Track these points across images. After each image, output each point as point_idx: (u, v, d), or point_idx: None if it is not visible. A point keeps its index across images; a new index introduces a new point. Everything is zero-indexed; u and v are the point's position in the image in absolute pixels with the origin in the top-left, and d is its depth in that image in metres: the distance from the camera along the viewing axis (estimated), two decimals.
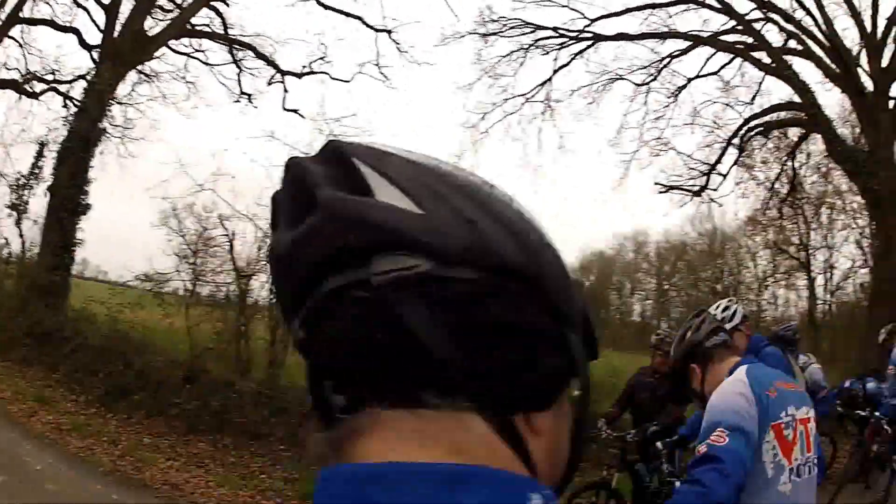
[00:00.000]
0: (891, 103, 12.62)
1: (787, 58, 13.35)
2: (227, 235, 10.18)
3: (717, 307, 3.87)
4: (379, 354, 0.47)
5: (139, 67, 12.75)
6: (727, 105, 14.75)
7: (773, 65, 13.17)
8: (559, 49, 14.62)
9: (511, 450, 0.49)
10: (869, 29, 12.85)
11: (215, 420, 7.93)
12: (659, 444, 5.18)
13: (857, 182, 12.99)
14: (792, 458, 2.30)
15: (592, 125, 34.95)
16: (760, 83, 14.32)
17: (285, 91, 13.61)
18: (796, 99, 13.44)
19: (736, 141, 14.68)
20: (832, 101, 13.87)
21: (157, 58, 12.84)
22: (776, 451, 2.25)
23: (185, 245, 10.54)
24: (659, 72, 14.69)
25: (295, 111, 13.13)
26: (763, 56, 13.77)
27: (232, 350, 9.68)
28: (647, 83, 14.81)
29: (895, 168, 11.97)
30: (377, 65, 13.66)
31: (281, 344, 9.41)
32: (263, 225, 9.89)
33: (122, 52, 11.78)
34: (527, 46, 14.50)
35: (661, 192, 15.21)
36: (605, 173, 54.05)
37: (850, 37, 13.05)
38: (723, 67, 14.61)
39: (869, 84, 12.61)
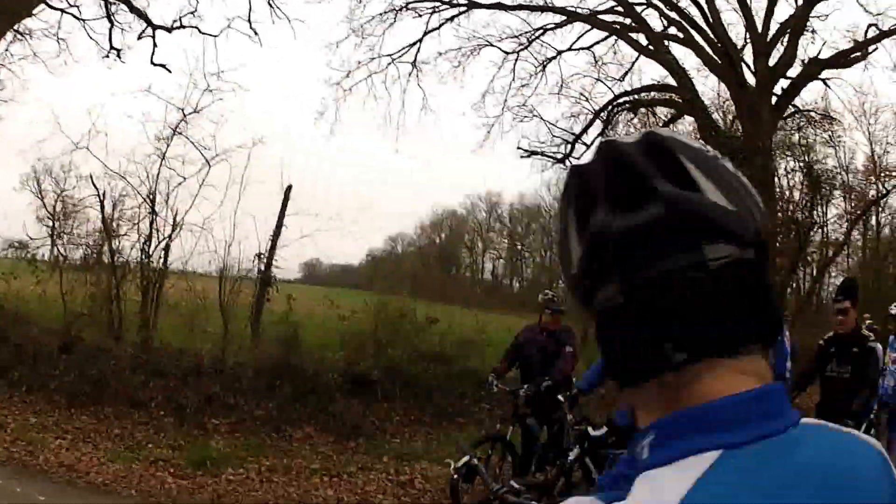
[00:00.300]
0: (773, 99, 13.75)
1: (667, 43, 14.11)
2: (97, 195, 9.73)
3: None
4: (714, 319, 0.63)
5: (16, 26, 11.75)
6: (597, 80, 15.56)
7: (651, 48, 13.96)
8: (431, 13, 14.72)
9: None
10: (760, 30, 13.82)
11: (94, 390, 7.77)
12: (560, 396, 5.65)
13: None
14: None
15: (458, 89, 35.09)
16: (634, 62, 15.24)
17: (154, 45, 13.02)
18: (670, 81, 14.23)
19: (603, 115, 15.54)
20: (704, 87, 14.94)
21: (34, 15, 11.88)
22: None
23: (49, 207, 9.96)
24: (530, 42, 15.20)
25: (163, 66, 12.60)
26: (642, 38, 14.56)
27: (105, 315, 9.41)
28: (517, 52, 15.28)
29: (770, 157, 13.25)
30: (248, 20, 13.33)
31: (153, 304, 9.20)
32: (136, 182, 9.55)
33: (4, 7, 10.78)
34: (399, 8, 14.45)
35: (523, 157, 15.81)
36: (470, 137, 54.63)
37: (736, 31, 14.08)
38: (595, 44, 15.36)
39: (751, 78, 13.61)
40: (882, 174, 19.29)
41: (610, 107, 15.46)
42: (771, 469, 0.59)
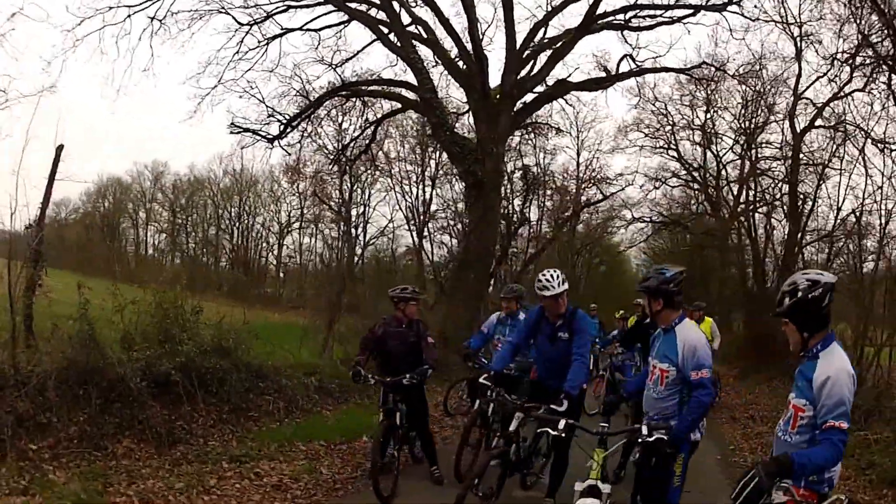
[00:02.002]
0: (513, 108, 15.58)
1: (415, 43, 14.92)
2: None
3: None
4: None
5: None
6: (327, 64, 15.76)
7: (400, 45, 14.60)
8: None
9: None
10: (519, 44, 15.63)
11: None
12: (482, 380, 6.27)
13: (457, 164, 15.57)
14: None
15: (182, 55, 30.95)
16: (360, 51, 15.93)
17: None
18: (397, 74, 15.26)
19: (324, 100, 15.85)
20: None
21: None
22: None
23: None
24: (269, 15, 14.69)
25: None
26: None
27: None
28: (252, 24, 14.68)
29: (501, 160, 14.96)
30: None
31: None
32: None
33: None
34: None
35: (233, 133, 15.42)
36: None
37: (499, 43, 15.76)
38: (324, 28, 15.52)
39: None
40: (587, 179, 23.76)
41: (330, 93, 15.71)
42: None
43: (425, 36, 15.73)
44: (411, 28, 15.74)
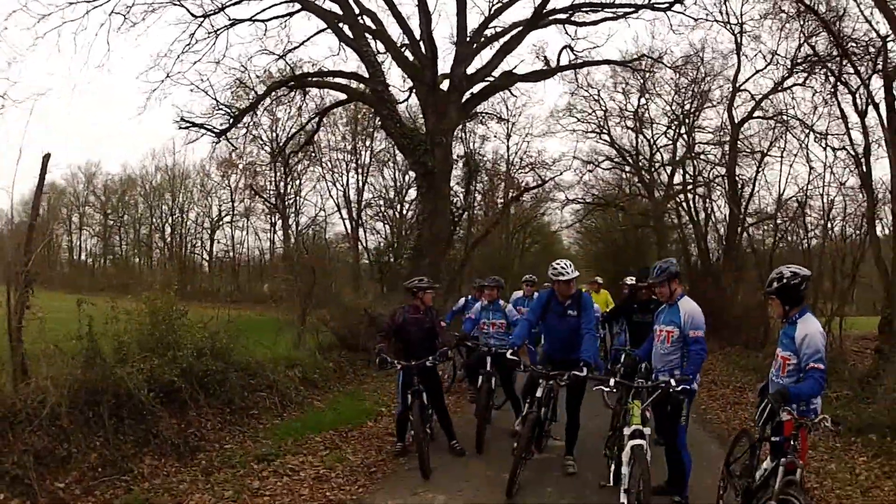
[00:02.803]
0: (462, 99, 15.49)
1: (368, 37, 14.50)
2: None
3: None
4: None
5: None
6: (275, 55, 15.19)
7: (353, 36, 14.16)
8: None
9: None
10: (469, 39, 15.58)
11: None
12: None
13: (407, 155, 15.35)
14: None
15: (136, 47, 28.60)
16: (305, 41, 15.32)
17: None
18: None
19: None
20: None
21: None
22: None
23: None
24: (223, 7, 14.02)
25: None
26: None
27: None
28: (206, 16, 13.95)
29: (451, 150, 14.80)
30: None
31: None
32: None
33: None
34: None
35: (182, 128, 14.74)
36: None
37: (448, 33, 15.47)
38: (272, 18, 15.03)
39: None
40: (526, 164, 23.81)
41: (279, 84, 15.11)
42: None
43: (373, 27, 15.45)
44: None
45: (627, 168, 26.09)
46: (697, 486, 6.04)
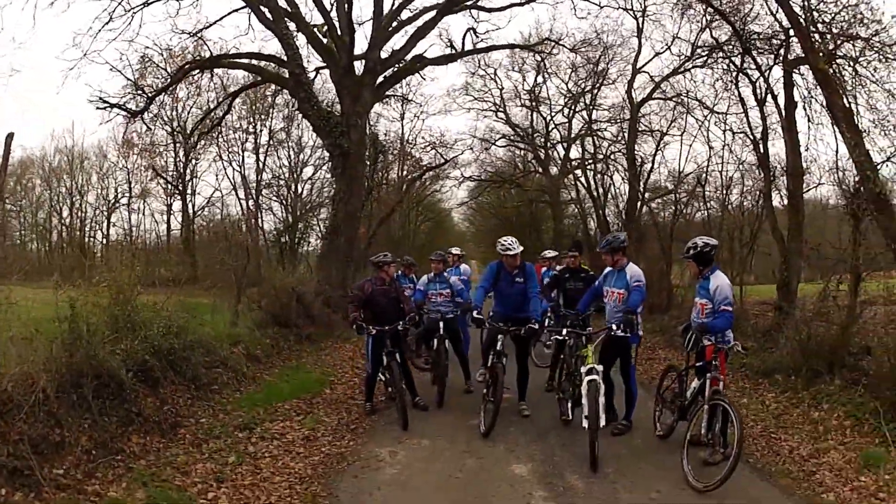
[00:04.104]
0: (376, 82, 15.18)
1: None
2: None
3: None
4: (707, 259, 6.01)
5: None
6: (188, 34, 14.44)
7: (272, 18, 13.72)
8: None
9: None
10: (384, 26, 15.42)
11: None
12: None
13: (323, 137, 15.10)
14: None
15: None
16: (218, 20, 14.75)
17: None
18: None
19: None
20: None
21: None
22: None
23: None
24: None
25: None
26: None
27: None
28: None
29: (364, 132, 14.68)
30: None
31: None
32: None
33: None
34: None
35: (99, 108, 13.78)
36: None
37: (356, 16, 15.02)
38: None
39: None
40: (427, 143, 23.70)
41: (195, 64, 14.43)
42: None
43: (289, 9, 15.06)
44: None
45: (522, 145, 26.78)
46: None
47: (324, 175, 25.59)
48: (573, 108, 24.03)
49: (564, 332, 7.06)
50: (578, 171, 24.30)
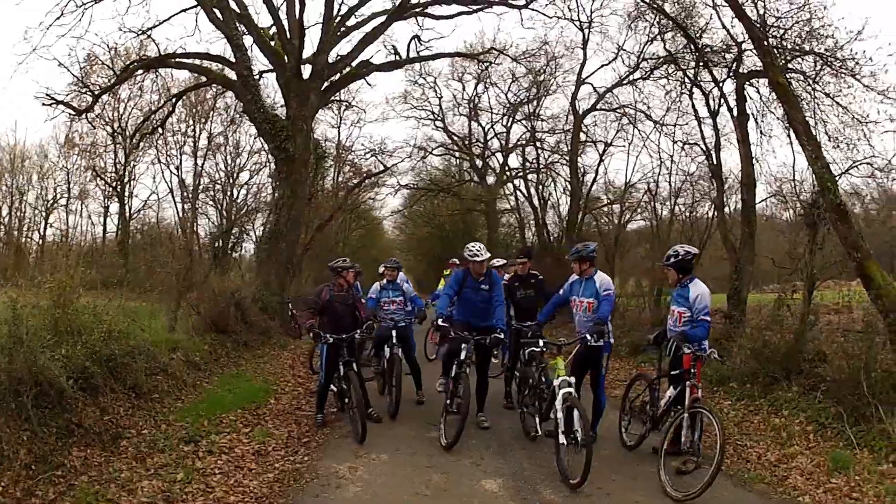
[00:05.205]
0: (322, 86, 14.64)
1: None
2: None
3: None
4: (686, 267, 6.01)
5: None
6: (140, 33, 13.63)
7: (223, 19, 13.10)
8: None
9: None
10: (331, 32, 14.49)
11: None
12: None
13: (268, 140, 14.46)
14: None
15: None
16: (165, 20, 13.94)
17: None
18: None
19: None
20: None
21: None
22: None
23: None
24: None
25: None
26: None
27: None
28: None
29: (309, 137, 14.15)
30: None
31: None
32: None
33: None
34: None
35: (45, 105, 13.18)
36: None
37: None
38: None
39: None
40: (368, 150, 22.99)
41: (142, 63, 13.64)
42: None
43: (239, 11, 14.46)
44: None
45: (458, 153, 26.58)
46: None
47: (260, 180, 24.92)
48: (513, 117, 23.93)
49: (542, 343, 6.70)
50: (518, 180, 24.23)
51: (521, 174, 24.16)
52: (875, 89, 11.00)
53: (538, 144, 22.65)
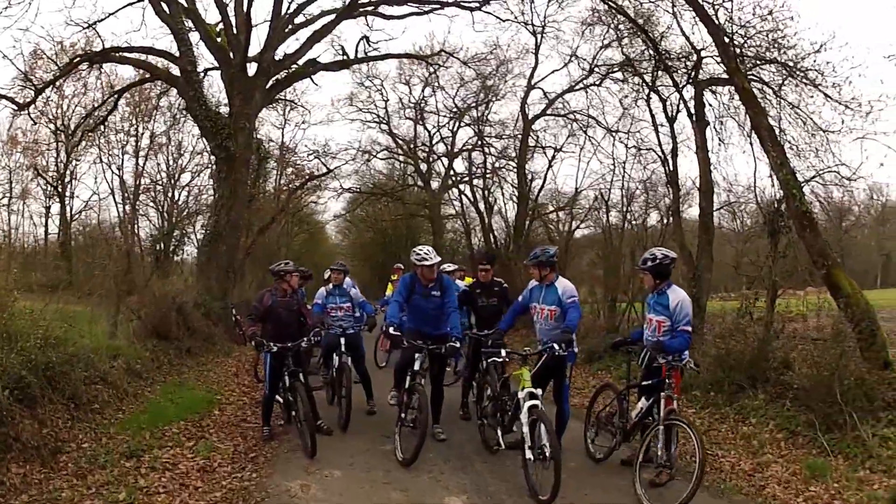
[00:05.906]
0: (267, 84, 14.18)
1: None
2: None
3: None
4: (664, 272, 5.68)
5: None
6: (82, 25, 13.05)
7: (170, 13, 12.62)
8: None
9: None
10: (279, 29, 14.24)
11: None
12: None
13: (209, 138, 13.91)
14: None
15: None
16: (112, 14, 13.28)
17: None
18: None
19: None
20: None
21: None
22: None
23: None
24: None
25: None
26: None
27: None
28: None
29: (251, 136, 13.70)
30: None
31: None
32: None
33: None
34: None
35: None
36: None
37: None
38: None
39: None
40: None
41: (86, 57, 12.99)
42: None
43: (186, 5, 13.94)
44: None
45: (402, 157, 25.96)
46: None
47: (202, 182, 24.16)
48: (460, 121, 23.53)
49: (504, 353, 6.40)
50: (464, 185, 23.69)
51: (466, 179, 23.69)
52: (840, 101, 10.88)
53: (485, 149, 22.31)
